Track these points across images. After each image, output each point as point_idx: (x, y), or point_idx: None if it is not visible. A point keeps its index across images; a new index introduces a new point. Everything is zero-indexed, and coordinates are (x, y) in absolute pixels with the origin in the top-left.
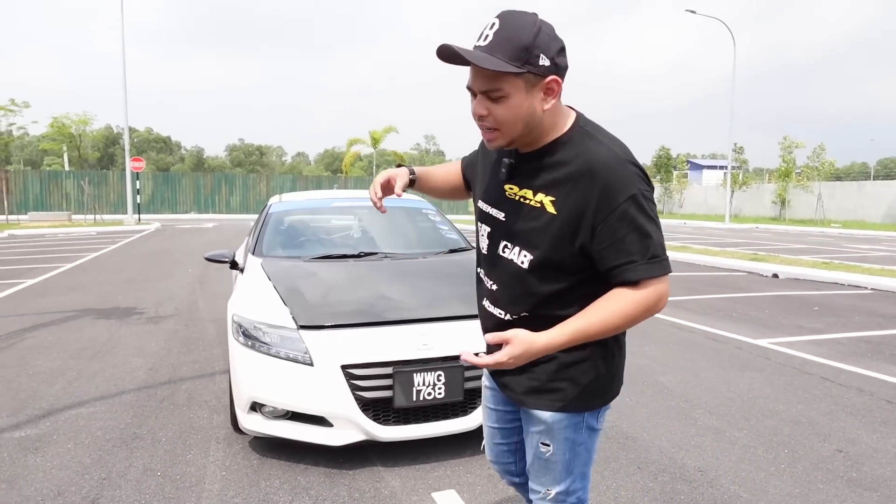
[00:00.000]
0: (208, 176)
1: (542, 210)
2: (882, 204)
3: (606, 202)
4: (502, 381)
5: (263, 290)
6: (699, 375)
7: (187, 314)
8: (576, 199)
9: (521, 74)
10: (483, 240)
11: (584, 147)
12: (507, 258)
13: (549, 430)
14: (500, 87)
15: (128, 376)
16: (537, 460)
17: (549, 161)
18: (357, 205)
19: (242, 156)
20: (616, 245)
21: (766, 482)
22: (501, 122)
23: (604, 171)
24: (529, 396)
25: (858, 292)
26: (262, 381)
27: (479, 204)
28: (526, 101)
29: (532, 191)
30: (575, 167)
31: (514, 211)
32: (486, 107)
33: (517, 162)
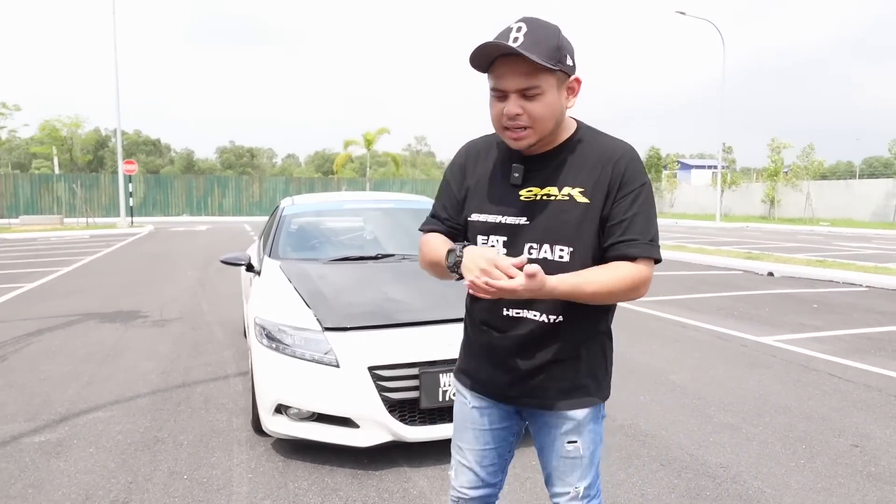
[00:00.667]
0: (200, 178)
1: (572, 202)
2: (870, 202)
3: (624, 185)
4: (525, 391)
5: (285, 292)
6: (709, 373)
7: (192, 317)
8: (601, 183)
9: (555, 72)
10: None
11: (600, 141)
12: (538, 259)
13: (577, 427)
14: (538, 84)
15: (140, 380)
16: (562, 461)
17: (567, 158)
18: (369, 207)
19: (233, 158)
20: (625, 223)
21: (787, 477)
22: (536, 120)
23: (623, 158)
24: (561, 399)
25: (854, 290)
26: (287, 384)
27: (482, 217)
28: (556, 99)
29: (557, 187)
30: (597, 157)
31: (538, 211)
32: (521, 105)
33: (529, 166)
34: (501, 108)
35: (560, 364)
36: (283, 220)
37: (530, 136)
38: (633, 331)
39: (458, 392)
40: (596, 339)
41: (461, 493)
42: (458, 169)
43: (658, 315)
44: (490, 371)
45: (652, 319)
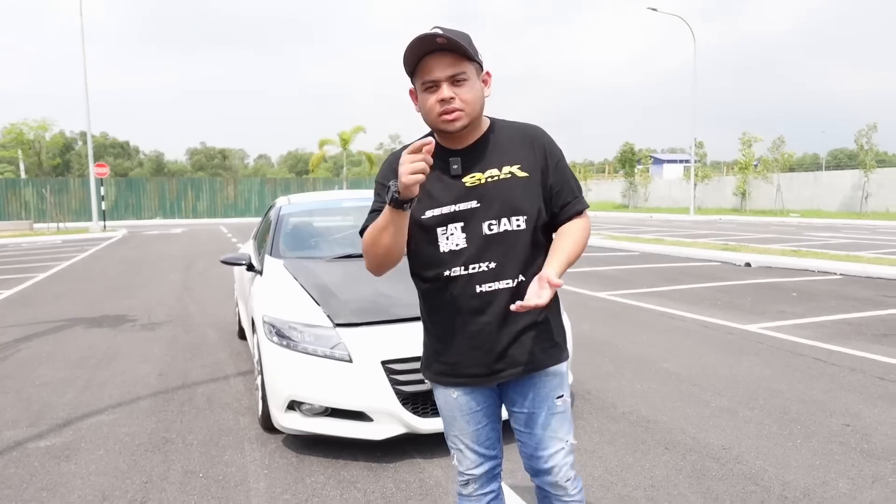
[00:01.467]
0: (173, 181)
1: (514, 178)
2: (837, 193)
3: (551, 156)
4: (513, 361)
5: (291, 290)
6: (701, 361)
7: (182, 320)
8: (535, 159)
9: (473, 62)
10: (455, 238)
11: (516, 126)
12: (498, 233)
13: (561, 380)
14: (464, 70)
15: (139, 383)
16: (554, 417)
17: (495, 143)
18: (367, 205)
19: (204, 159)
20: (564, 187)
21: (787, 456)
22: (467, 102)
23: (541, 136)
24: (546, 357)
25: (829, 278)
26: (300, 380)
27: (436, 211)
28: (478, 85)
29: (497, 168)
30: (520, 139)
31: (486, 193)
32: (453, 91)
33: (464, 157)
34: (435, 96)
35: (536, 325)
36: (282, 220)
37: (464, 118)
38: (621, 322)
39: (440, 388)
40: (556, 302)
41: (469, 475)
42: (391, 174)
43: (643, 306)
44: (473, 357)
45: (638, 311)
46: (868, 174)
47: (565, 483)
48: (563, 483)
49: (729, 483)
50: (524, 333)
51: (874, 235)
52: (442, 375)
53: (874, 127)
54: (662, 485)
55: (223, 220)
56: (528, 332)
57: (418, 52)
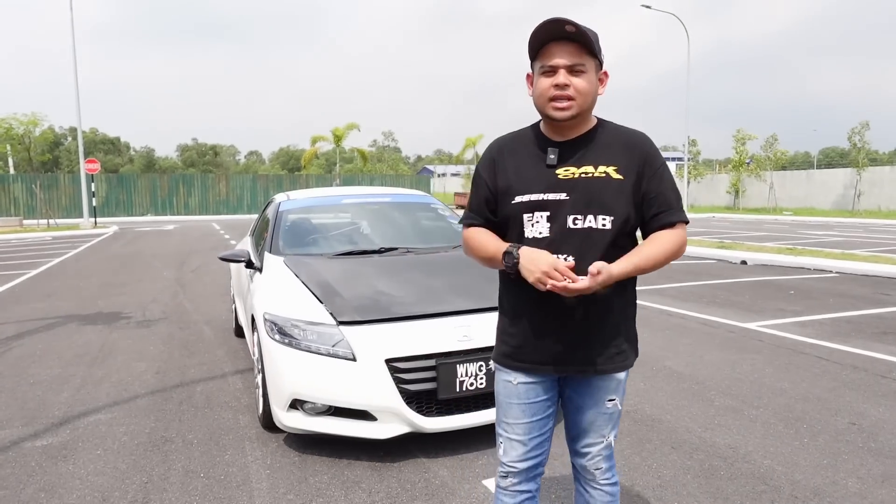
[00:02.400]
0: (165, 177)
1: (608, 178)
2: (830, 192)
3: (651, 165)
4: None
5: (293, 287)
6: (703, 359)
7: (177, 317)
8: (633, 164)
9: (595, 58)
10: (539, 226)
11: (622, 130)
12: (581, 228)
13: (618, 386)
14: (584, 62)
15: (136, 381)
16: (601, 416)
17: (597, 142)
18: (366, 201)
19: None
20: (659, 196)
21: (794, 455)
22: (580, 93)
23: (644, 143)
24: (609, 362)
25: (825, 276)
26: (302, 378)
27: (525, 197)
28: (595, 81)
29: (592, 166)
30: (622, 142)
31: (578, 187)
32: (568, 80)
33: (562, 149)
34: (550, 81)
35: (607, 329)
36: (282, 216)
37: (573, 108)
38: None
39: (501, 373)
40: (629, 300)
41: (511, 468)
42: (489, 163)
43: (641, 303)
44: (537, 344)
45: (637, 308)
46: (861, 172)
47: (594, 471)
48: (593, 470)
49: (738, 483)
50: (592, 333)
51: (867, 233)
52: (505, 357)
53: (867, 125)
54: (671, 485)
55: (215, 216)
56: (596, 332)
57: (544, 37)
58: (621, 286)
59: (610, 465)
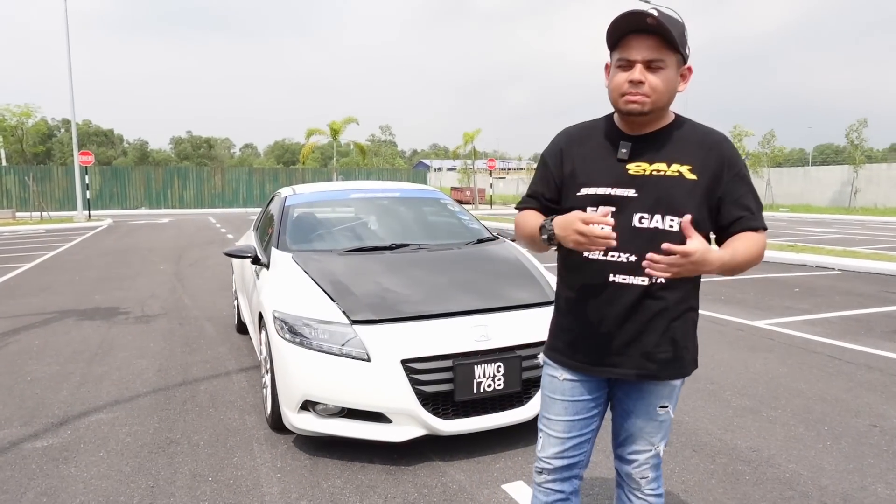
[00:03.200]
0: (159, 170)
1: (681, 178)
2: (827, 189)
3: (730, 167)
4: (631, 362)
5: (303, 284)
6: (715, 358)
7: (177, 313)
8: (710, 165)
9: (677, 53)
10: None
11: (700, 128)
12: (647, 228)
13: (671, 393)
14: (663, 58)
15: (137, 379)
16: (651, 423)
17: (672, 139)
18: (375, 196)
19: (190, 148)
20: (739, 200)
21: (819, 459)
22: (655, 90)
23: (724, 144)
24: (662, 369)
25: (828, 273)
26: (314, 379)
27: (591, 190)
28: (674, 78)
29: (666, 164)
30: (701, 141)
31: (648, 184)
32: (644, 75)
33: (635, 144)
34: (626, 76)
35: (665, 333)
36: (288, 211)
37: (647, 104)
38: None
39: (549, 367)
40: (691, 305)
41: (546, 464)
42: (556, 151)
43: None
44: (588, 343)
45: None
46: (857, 170)
47: (640, 479)
48: (639, 479)
49: (765, 488)
50: (646, 338)
51: (865, 230)
52: (555, 352)
53: (864, 122)
54: (696, 490)
55: (210, 210)
56: (650, 337)
57: (623, 28)
58: (681, 285)
59: (657, 474)
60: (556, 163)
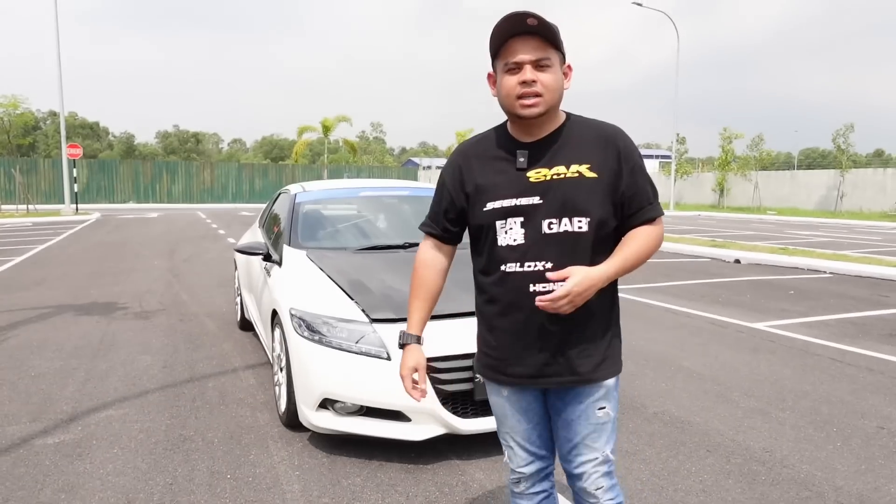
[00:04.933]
0: (148, 164)
1: (581, 178)
2: (813, 192)
3: (626, 159)
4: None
5: (320, 282)
6: (718, 359)
7: (176, 309)
8: (608, 160)
9: (558, 51)
10: (513, 233)
11: (592, 124)
12: (557, 233)
13: (607, 393)
14: (549, 56)
15: (143, 375)
16: (591, 427)
17: (567, 140)
18: (383, 194)
19: (177, 143)
20: (638, 192)
21: (831, 460)
22: (547, 88)
23: (618, 137)
24: (597, 370)
25: (819, 276)
26: (334, 377)
27: (496, 203)
28: (559, 74)
29: (565, 165)
30: (594, 137)
31: (550, 189)
32: (535, 75)
33: (532, 150)
34: (517, 78)
35: (590, 335)
36: (299, 208)
37: (541, 105)
38: (628, 318)
39: (489, 385)
40: (613, 304)
41: (520, 473)
42: (454, 170)
43: (646, 302)
44: (520, 356)
45: (642, 307)
46: (844, 174)
47: (595, 491)
48: (593, 491)
49: (781, 489)
50: (574, 342)
51: (852, 234)
52: (489, 370)
53: (851, 127)
54: (714, 490)
55: (199, 205)
56: (578, 341)
57: (506, 33)
58: (601, 293)
59: (612, 483)
60: (454, 183)
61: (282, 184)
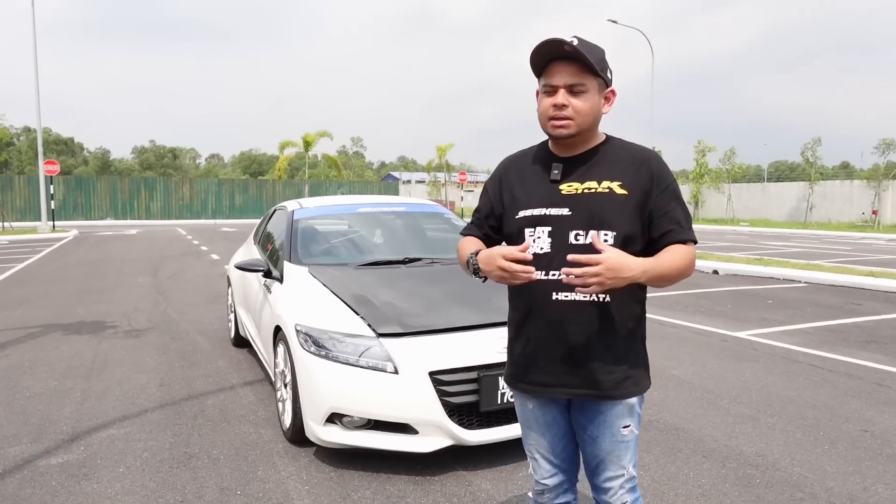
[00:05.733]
0: (126, 180)
1: (611, 194)
2: (784, 204)
3: (659, 182)
4: (584, 382)
5: (324, 298)
6: (706, 368)
7: (166, 326)
8: (640, 180)
9: (598, 77)
10: (541, 241)
11: (630, 146)
12: (583, 244)
13: (631, 411)
14: (584, 82)
15: (141, 394)
16: (617, 445)
17: (602, 158)
18: (381, 210)
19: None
20: (668, 214)
21: (820, 463)
22: (579, 113)
23: (653, 160)
24: (619, 387)
25: (795, 286)
26: (342, 392)
27: (527, 212)
28: (597, 100)
29: (597, 181)
30: (629, 158)
31: (580, 202)
32: (567, 100)
33: (567, 165)
34: (551, 101)
35: (613, 349)
36: (297, 225)
37: (572, 127)
38: None
39: (516, 395)
40: (637, 321)
41: (543, 485)
42: (496, 179)
43: None
44: (541, 364)
45: None
46: (813, 186)
47: None
48: None
49: (776, 491)
50: (596, 354)
51: (822, 244)
52: (514, 378)
53: (819, 141)
54: (712, 493)
55: (179, 221)
56: (600, 354)
57: (544, 56)
58: (628, 300)
59: (635, 497)
60: (495, 191)
61: (263, 199)
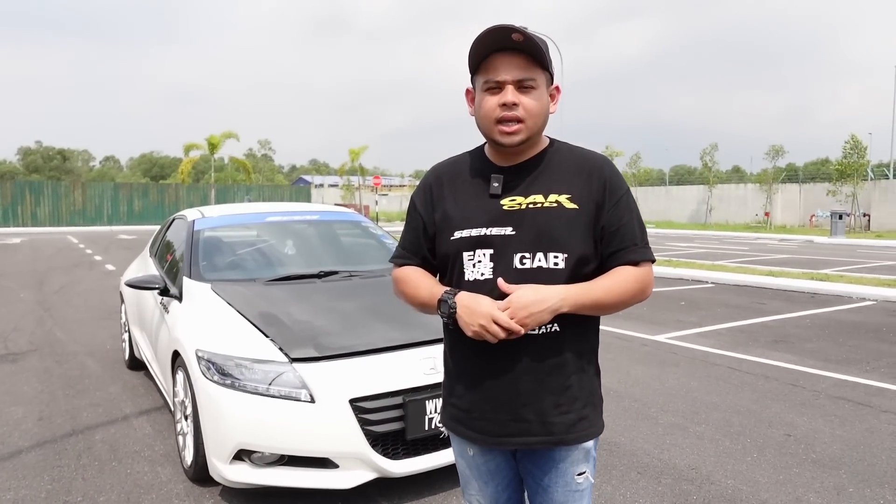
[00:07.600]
0: (8, 184)
1: (560, 209)
2: (686, 206)
3: (612, 193)
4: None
5: (228, 319)
6: (630, 374)
7: (50, 349)
8: (591, 191)
9: (545, 71)
10: (481, 265)
11: (578, 151)
12: (530, 269)
13: (587, 456)
14: (535, 77)
15: (14, 431)
16: (571, 496)
17: (548, 166)
18: (293, 219)
19: (41, 160)
20: (621, 230)
21: (751, 473)
22: (530, 113)
23: (605, 167)
24: (572, 430)
25: (703, 286)
26: (250, 425)
27: (464, 233)
28: (545, 97)
29: (542, 194)
30: (577, 166)
31: (526, 220)
32: (517, 98)
33: (508, 176)
34: (497, 99)
35: (565, 387)
36: (198, 236)
37: (523, 132)
38: None
39: (454, 440)
40: (594, 352)
41: None
42: (424, 193)
43: None
44: (486, 408)
45: None
46: (711, 189)
47: None
48: None
49: None
50: (547, 395)
51: (722, 245)
52: (454, 422)
53: (716, 146)
54: None
55: (70, 228)
56: (552, 394)
57: (487, 47)
58: (578, 336)
59: None
60: (425, 206)
61: (165, 204)
